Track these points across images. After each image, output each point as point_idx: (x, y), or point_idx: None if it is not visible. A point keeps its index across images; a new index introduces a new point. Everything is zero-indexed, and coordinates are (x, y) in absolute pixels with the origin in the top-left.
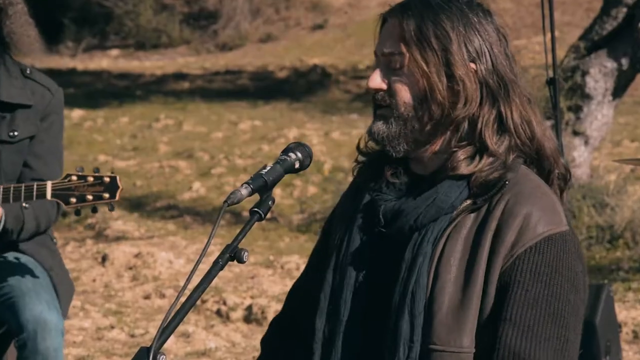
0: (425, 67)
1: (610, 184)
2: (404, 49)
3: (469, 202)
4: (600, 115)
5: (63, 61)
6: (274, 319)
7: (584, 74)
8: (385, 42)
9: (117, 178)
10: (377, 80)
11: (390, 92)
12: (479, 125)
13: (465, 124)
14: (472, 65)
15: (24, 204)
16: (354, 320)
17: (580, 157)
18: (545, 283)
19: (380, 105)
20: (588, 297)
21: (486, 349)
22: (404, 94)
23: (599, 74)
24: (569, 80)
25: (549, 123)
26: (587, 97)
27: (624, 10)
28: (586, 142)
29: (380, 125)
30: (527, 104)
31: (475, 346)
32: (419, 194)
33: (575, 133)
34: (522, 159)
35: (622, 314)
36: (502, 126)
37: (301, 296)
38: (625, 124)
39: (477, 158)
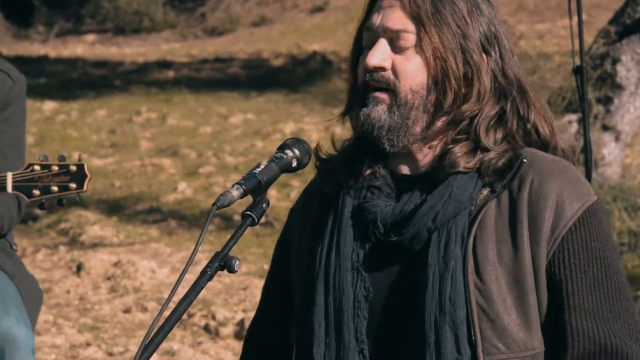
0: (442, 49)
1: None
2: (418, 27)
3: (486, 191)
4: (632, 108)
5: (33, 47)
6: None
7: (615, 61)
8: (391, 16)
9: (85, 166)
10: (380, 57)
11: (395, 73)
12: (477, 121)
13: (467, 119)
14: (484, 56)
15: None
16: (364, 343)
17: (610, 155)
18: (600, 258)
19: (377, 88)
20: None
21: (552, 342)
22: (413, 78)
23: (631, 62)
24: (597, 68)
25: (575, 117)
26: (618, 87)
27: None
28: (617, 138)
29: (380, 111)
30: (541, 102)
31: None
32: (422, 194)
33: (605, 128)
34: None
35: None
36: (501, 124)
37: (265, 337)
38: None
39: (478, 153)
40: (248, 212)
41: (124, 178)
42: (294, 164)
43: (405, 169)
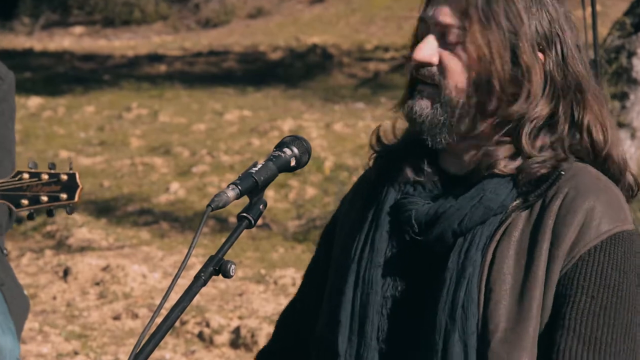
0: (487, 50)
1: None
2: (466, 23)
3: (519, 200)
4: None
5: (18, 40)
6: (261, 352)
7: (631, 55)
8: (442, 9)
9: (77, 175)
10: (426, 52)
11: (442, 69)
12: (522, 124)
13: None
14: (540, 55)
15: None
16: (384, 343)
17: (626, 153)
18: (614, 289)
19: (423, 82)
20: None
21: None
22: (458, 76)
23: None
24: (612, 62)
25: None
26: (634, 82)
27: None
28: (632, 136)
29: (424, 105)
30: (600, 105)
31: None
32: (458, 195)
33: (621, 125)
34: (578, 158)
35: None
36: (550, 129)
37: (298, 324)
38: None
39: (519, 159)
40: (244, 214)
41: (113, 178)
42: (293, 163)
43: (451, 168)
